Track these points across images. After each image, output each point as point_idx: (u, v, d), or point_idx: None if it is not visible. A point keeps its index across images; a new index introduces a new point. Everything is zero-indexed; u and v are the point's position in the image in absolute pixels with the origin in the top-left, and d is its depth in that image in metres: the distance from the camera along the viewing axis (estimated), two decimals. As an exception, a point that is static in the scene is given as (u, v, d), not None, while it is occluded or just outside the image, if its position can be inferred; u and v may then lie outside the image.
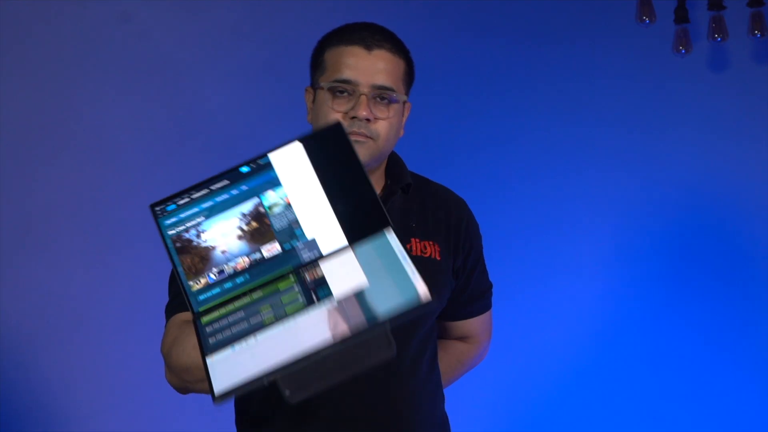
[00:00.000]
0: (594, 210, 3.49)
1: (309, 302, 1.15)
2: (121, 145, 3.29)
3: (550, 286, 3.46)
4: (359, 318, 1.12)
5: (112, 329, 3.24)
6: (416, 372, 1.80)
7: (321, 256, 1.19)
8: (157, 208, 1.25)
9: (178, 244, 1.22)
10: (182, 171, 3.28)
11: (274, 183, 1.24)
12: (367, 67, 1.74)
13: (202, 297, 1.19)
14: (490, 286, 2.01)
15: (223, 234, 1.21)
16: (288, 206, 1.23)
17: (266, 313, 1.15)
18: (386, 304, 1.12)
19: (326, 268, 1.18)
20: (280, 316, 1.14)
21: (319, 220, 1.22)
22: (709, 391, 3.43)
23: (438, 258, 1.83)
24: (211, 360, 1.12)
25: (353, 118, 1.72)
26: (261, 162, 1.25)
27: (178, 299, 1.68)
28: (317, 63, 1.80)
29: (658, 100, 3.50)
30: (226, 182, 1.25)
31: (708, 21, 3.36)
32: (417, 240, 1.82)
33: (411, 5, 3.40)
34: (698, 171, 3.48)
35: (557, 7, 3.50)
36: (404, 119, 1.83)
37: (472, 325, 1.99)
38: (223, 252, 1.20)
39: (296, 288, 1.17)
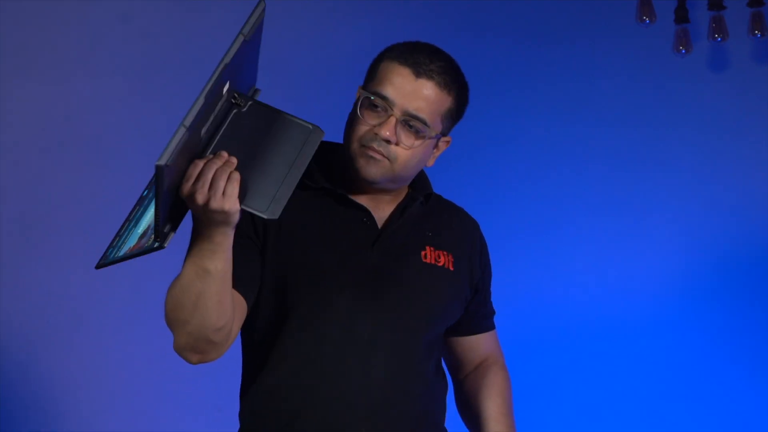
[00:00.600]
0: (594, 210, 3.48)
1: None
2: (121, 145, 3.29)
3: (549, 286, 3.46)
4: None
5: (112, 329, 3.24)
6: (422, 377, 1.80)
7: None
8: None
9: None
10: (182, 171, 3.28)
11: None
12: (408, 92, 1.73)
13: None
14: (494, 312, 2.00)
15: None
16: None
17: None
18: None
19: None
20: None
21: None
22: (711, 391, 3.43)
23: (451, 268, 1.83)
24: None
25: (376, 134, 1.72)
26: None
27: None
28: (373, 68, 1.79)
29: (658, 100, 3.50)
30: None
31: (708, 21, 3.36)
32: (431, 248, 1.82)
33: (411, 5, 3.40)
34: (698, 171, 3.48)
35: (557, 7, 3.50)
36: (438, 152, 1.82)
37: (487, 341, 1.97)
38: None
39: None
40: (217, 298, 1.56)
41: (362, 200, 1.79)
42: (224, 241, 1.53)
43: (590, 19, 3.51)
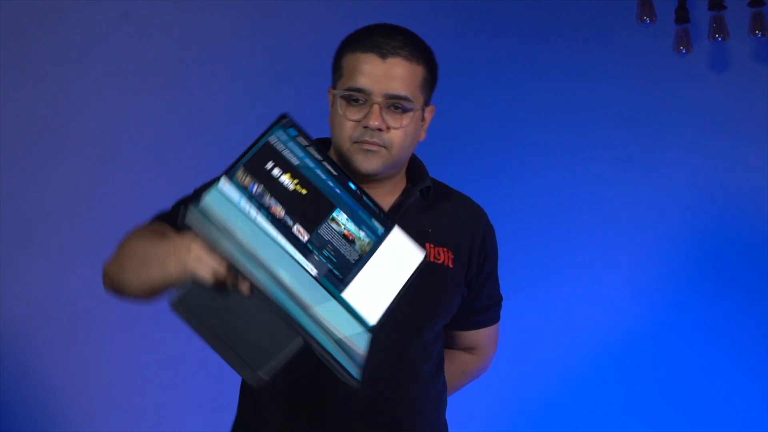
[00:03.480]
0: (593, 210, 3.48)
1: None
2: (121, 145, 3.29)
3: (549, 287, 3.45)
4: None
5: (112, 329, 3.24)
6: (418, 377, 1.79)
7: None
8: (284, 120, 1.38)
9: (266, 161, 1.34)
10: (182, 171, 3.27)
11: (360, 220, 1.36)
12: (381, 75, 1.73)
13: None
14: (501, 299, 2.01)
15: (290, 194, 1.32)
16: (344, 238, 1.34)
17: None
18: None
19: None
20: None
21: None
22: (710, 391, 3.43)
23: (450, 265, 1.82)
24: None
25: (365, 127, 1.72)
26: (376, 212, 1.38)
27: (173, 214, 1.74)
28: (336, 67, 1.79)
29: (658, 100, 3.50)
30: (334, 174, 1.36)
31: (709, 21, 3.36)
32: (431, 245, 1.81)
33: (410, 5, 3.40)
34: (698, 171, 3.48)
35: (557, 7, 3.50)
36: (426, 124, 1.82)
37: (480, 336, 1.98)
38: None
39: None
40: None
41: None
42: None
43: (590, 19, 3.51)
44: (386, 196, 1.81)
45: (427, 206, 1.85)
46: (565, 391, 3.44)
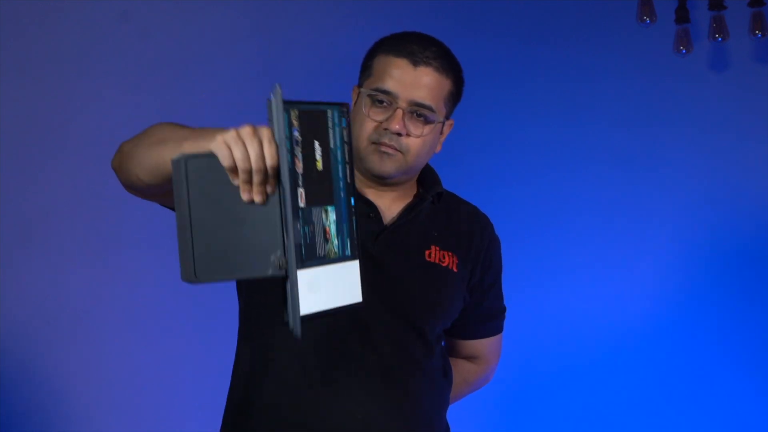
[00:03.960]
0: (593, 210, 3.48)
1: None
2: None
3: (549, 286, 3.46)
4: None
5: (112, 329, 3.24)
6: (420, 376, 1.80)
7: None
8: (344, 108, 1.36)
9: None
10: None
11: (341, 230, 1.36)
12: (410, 82, 1.74)
13: None
14: (504, 309, 2.02)
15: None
16: (323, 232, 1.32)
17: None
18: None
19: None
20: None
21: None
22: (710, 390, 3.43)
23: (455, 270, 1.83)
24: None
25: (386, 129, 1.73)
26: (354, 236, 1.37)
27: None
28: (366, 66, 1.81)
29: (658, 100, 3.50)
30: (348, 180, 1.37)
31: (709, 21, 3.36)
32: (437, 248, 1.82)
33: (410, 5, 3.40)
34: (698, 171, 3.48)
35: (557, 7, 3.50)
36: (443, 136, 1.83)
37: (482, 345, 2.00)
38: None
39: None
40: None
41: (369, 196, 1.80)
42: None
43: (590, 19, 3.51)
44: (396, 201, 1.82)
45: (437, 211, 1.87)
46: (565, 390, 3.44)
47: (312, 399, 1.71)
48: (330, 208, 1.33)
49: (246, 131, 1.26)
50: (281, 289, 1.27)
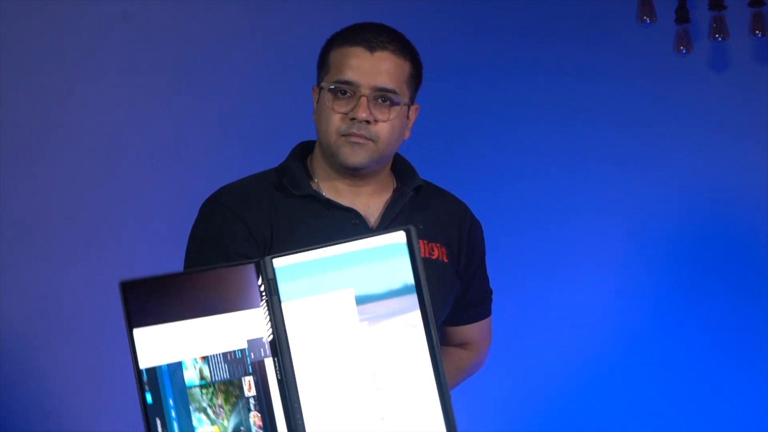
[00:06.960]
0: (592, 210, 3.48)
1: None
2: (121, 145, 3.29)
3: (549, 286, 3.45)
4: None
5: (112, 329, 3.22)
6: None
7: None
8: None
9: None
10: (182, 171, 3.28)
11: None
12: (369, 68, 1.75)
13: None
14: (491, 292, 2.01)
15: None
16: None
17: None
18: None
19: None
20: None
21: None
22: (709, 390, 3.42)
23: (446, 260, 1.84)
24: None
25: (353, 119, 1.72)
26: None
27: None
28: (323, 62, 1.82)
29: (658, 100, 3.50)
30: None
31: (709, 21, 3.35)
32: (425, 242, 1.82)
33: (410, 5, 3.39)
34: (698, 171, 3.48)
35: (557, 7, 3.50)
36: (411, 122, 1.83)
37: (472, 331, 1.99)
38: None
39: None
40: None
41: (348, 201, 1.79)
42: None
43: (590, 19, 3.51)
44: (374, 195, 1.82)
45: (418, 204, 1.86)
46: (563, 389, 3.44)
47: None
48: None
49: None
50: None
